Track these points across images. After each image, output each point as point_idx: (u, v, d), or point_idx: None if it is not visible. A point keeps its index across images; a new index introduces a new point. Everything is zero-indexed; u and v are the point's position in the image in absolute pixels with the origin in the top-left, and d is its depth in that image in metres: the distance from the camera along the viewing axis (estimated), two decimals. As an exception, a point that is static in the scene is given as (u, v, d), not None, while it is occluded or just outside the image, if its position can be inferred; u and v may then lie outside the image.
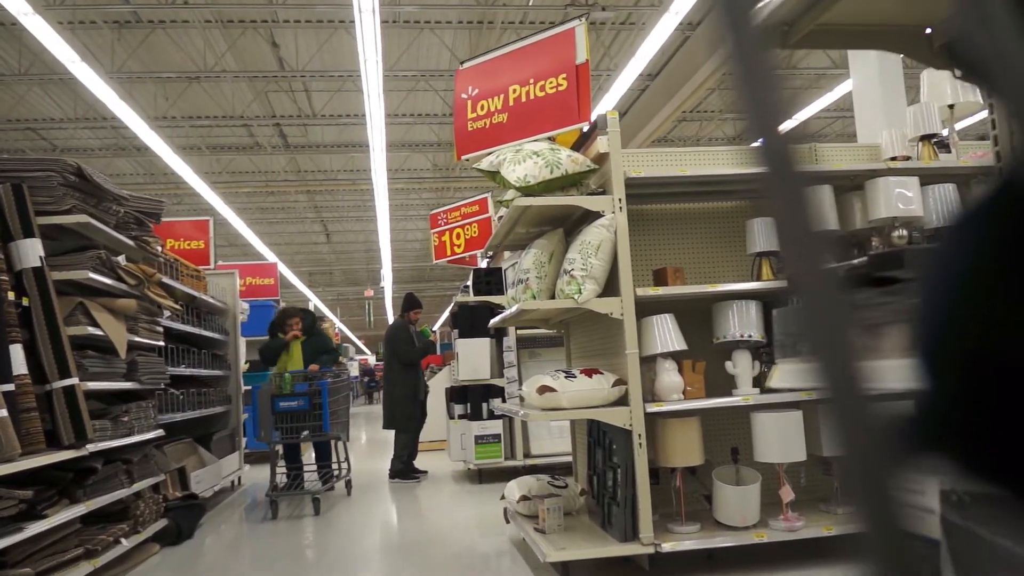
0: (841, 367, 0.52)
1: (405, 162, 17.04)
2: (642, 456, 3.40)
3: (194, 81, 12.76)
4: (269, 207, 20.40)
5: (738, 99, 0.57)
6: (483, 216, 7.24)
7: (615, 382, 3.49)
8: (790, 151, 0.55)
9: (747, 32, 0.57)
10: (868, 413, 0.51)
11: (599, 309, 3.46)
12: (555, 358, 7.32)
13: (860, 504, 0.50)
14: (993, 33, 0.51)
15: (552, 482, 4.15)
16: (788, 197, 0.56)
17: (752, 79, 0.57)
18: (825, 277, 0.53)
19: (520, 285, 3.84)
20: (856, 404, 0.52)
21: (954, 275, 0.54)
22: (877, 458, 0.51)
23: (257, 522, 5.77)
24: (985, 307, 0.51)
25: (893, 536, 0.49)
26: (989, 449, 0.52)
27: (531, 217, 3.98)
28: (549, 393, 3.43)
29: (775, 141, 0.56)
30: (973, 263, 0.52)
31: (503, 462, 6.94)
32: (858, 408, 0.52)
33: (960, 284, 0.53)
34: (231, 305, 7.52)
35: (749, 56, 0.57)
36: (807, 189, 0.55)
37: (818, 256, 0.54)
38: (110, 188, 4.28)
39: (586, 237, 3.53)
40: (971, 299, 0.52)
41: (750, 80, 0.57)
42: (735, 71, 0.56)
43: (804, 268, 0.54)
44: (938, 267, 0.56)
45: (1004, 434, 0.51)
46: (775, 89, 0.56)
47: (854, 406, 0.52)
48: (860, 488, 0.51)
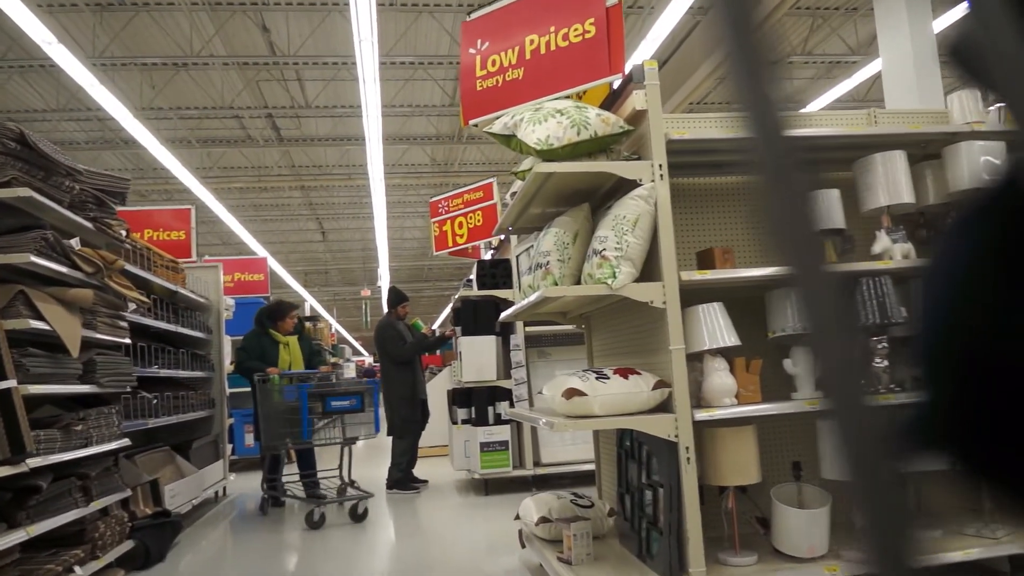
0: (841, 367, 0.52)
1: (402, 156, 16.46)
2: (691, 473, 2.82)
3: (181, 69, 12.18)
4: (263, 204, 19.81)
5: (736, 94, 0.55)
6: (488, 203, 6.65)
7: (656, 384, 2.91)
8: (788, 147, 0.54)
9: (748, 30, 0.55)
10: (869, 412, 0.50)
11: (637, 296, 2.88)
12: (566, 358, 6.74)
13: (861, 503, 0.50)
14: (994, 35, 0.50)
15: (576, 501, 3.57)
16: (786, 195, 0.54)
17: (751, 75, 0.55)
18: (824, 276, 0.53)
19: (539, 271, 3.27)
20: (857, 404, 0.51)
21: (955, 274, 0.53)
22: (879, 457, 0.50)
23: (239, 540, 5.18)
24: (985, 306, 0.50)
25: (896, 535, 0.49)
26: (990, 448, 0.51)
27: (551, 191, 3.40)
28: (578, 398, 2.85)
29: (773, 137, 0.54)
30: (974, 262, 0.51)
31: (511, 471, 6.35)
32: (859, 408, 0.51)
33: (961, 283, 0.52)
34: (215, 301, 6.92)
35: (749, 53, 0.55)
36: (807, 187, 0.54)
37: (817, 254, 0.53)
38: (62, 160, 3.70)
39: (620, 211, 2.95)
40: (971, 298, 0.51)
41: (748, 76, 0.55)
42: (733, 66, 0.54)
43: (802, 267, 0.53)
44: (939, 266, 0.55)
45: (1005, 433, 0.50)
46: (774, 86, 0.55)
47: (855, 405, 0.51)
48: (861, 487, 0.50)
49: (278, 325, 6.47)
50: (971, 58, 0.54)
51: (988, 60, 0.51)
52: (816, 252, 0.53)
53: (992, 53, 0.51)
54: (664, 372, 3.00)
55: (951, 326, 0.54)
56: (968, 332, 0.52)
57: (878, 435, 0.50)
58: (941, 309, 0.54)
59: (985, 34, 0.51)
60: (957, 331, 0.53)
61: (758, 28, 0.55)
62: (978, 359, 0.51)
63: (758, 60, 0.55)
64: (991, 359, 0.51)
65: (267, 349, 6.36)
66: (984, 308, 0.51)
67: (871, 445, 0.51)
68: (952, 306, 0.54)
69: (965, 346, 0.52)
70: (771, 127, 0.55)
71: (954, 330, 0.53)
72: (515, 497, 6.21)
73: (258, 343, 6.35)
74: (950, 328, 0.54)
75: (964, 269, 0.53)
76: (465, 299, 6.56)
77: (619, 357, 3.63)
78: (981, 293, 0.52)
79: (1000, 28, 0.50)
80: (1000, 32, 0.50)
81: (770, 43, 0.55)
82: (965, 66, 0.56)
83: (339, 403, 5.67)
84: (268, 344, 6.39)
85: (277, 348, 6.41)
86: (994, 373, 0.50)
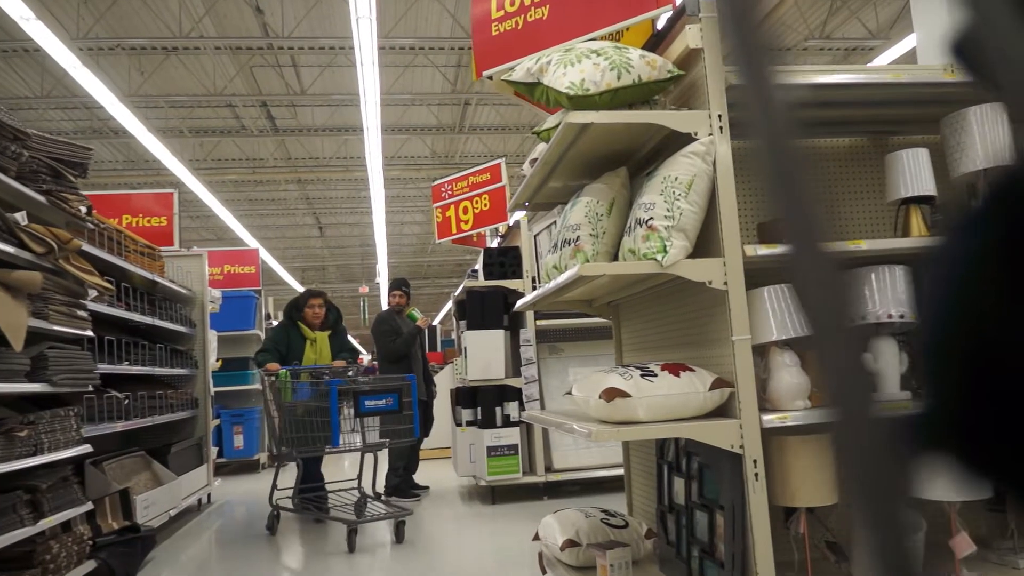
0: (844, 367, 0.51)
1: (401, 148, 15.91)
2: (761, 492, 2.29)
3: (171, 53, 11.63)
4: (259, 199, 19.25)
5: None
6: (495, 185, 6.10)
7: (713, 383, 2.38)
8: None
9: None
10: (872, 413, 0.50)
11: (691, 276, 2.35)
12: (580, 354, 6.21)
13: (862, 504, 0.49)
14: (996, 34, 0.49)
15: (608, 520, 3.04)
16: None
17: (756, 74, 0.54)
18: (827, 274, 0.52)
19: (566, 248, 2.73)
20: (860, 404, 0.50)
21: (957, 274, 0.52)
22: (880, 457, 0.49)
23: (223, 555, 4.65)
24: (988, 307, 0.49)
25: (896, 535, 0.48)
26: (994, 448, 0.50)
27: (578, 158, 2.87)
28: (620, 400, 2.31)
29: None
30: (976, 262, 0.51)
31: (521, 478, 5.81)
32: (862, 408, 0.50)
33: (963, 283, 0.51)
34: (199, 292, 6.38)
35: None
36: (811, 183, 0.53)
37: (819, 244, 0.52)
38: (7, 121, 3.16)
39: (671, 171, 2.42)
40: (974, 298, 0.50)
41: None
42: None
43: (804, 262, 0.52)
44: (941, 266, 0.53)
45: (1009, 433, 0.49)
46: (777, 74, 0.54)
47: (858, 405, 0.50)
48: (862, 488, 0.49)
49: (304, 316, 5.82)
50: (974, 56, 0.52)
51: (991, 59, 0.50)
52: (816, 235, 0.51)
53: (996, 52, 0.49)
54: (719, 368, 2.47)
55: (956, 325, 0.51)
56: (971, 331, 0.50)
57: (883, 440, 0.49)
58: (946, 308, 0.52)
59: (989, 32, 0.49)
60: (960, 330, 0.51)
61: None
62: (981, 358, 0.49)
63: (762, 50, 0.54)
64: (994, 358, 0.49)
65: (293, 343, 5.74)
66: (990, 307, 0.49)
67: (873, 444, 0.49)
68: (957, 305, 0.51)
69: (970, 346, 0.50)
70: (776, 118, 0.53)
71: (957, 329, 0.51)
72: (525, 506, 5.68)
73: (283, 336, 5.76)
74: (953, 327, 0.52)
75: (969, 267, 0.51)
76: (471, 290, 6.02)
77: (655, 351, 3.10)
78: (987, 292, 0.49)
79: (1004, 26, 0.49)
80: (1004, 30, 0.49)
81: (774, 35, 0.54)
82: (968, 64, 0.53)
83: (373, 403, 4.96)
84: (295, 338, 5.77)
85: (304, 343, 5.78)
86: (1000, 373, 0.48)
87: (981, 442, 0.52)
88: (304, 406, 5.09)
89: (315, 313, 5.81)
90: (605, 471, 5.89)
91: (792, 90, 0.63)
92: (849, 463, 0.50)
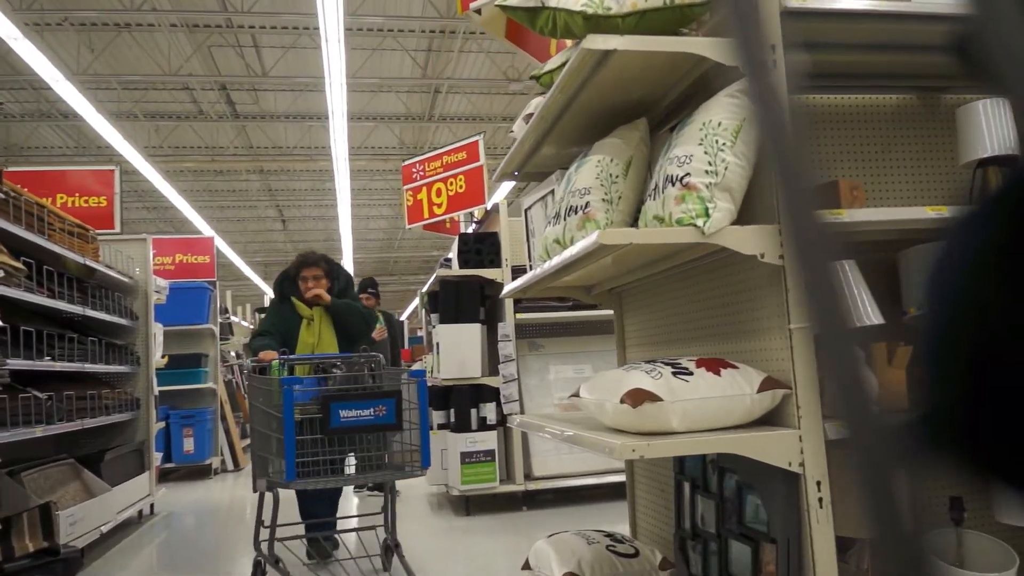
0: (848, 367, 0.50)
1: (368, 137, 15.27)
2: (826, 522, 1.80)
3: (123, 30, 10.92)
4: (219, 189, 18.48)
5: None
6: (472, 165, 5.57)
7: (763, 383, 1.88)
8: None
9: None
10: (876, 412, 0.50)
11: (740, 248, 1.85)
12: (563, 351, 5.72)
13: (868, 504, 0.49)
14: (1002, 32, 0.49)
15: (614, 547, 2.53)
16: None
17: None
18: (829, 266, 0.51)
19: (572, 217, 2.23)
20: (864, 403, 0.50)
21: (960, 271, 0.51)
22: (886, 456, 0.49)
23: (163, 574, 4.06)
24: (992, 304, 0.49)
25: (901, 535, 0.48)
26: (998, 448, 0.50)
27: (584, 112, 2.37)
28: (650, 404, 1.81)
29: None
30: (980, 260, 0.50)
31: (498, 487, 5.29)
32: (866, 407, 0.50)
33: (967, 280, 0.51)
34: (142, 281, 5.76)
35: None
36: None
37: (821, 230, 0.51)
38: None
39: (712, 116, 1.92)
40: (978, 296, 0.50)
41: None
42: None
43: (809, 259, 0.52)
44: (944, 263, 0.53)
45: (1013, 432, 0.48)
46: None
47: (863, 405, 0.50)
48: (869, 488, 0.49)
49: (297, 290, 4.34)
50: (977, 55, 0.50)
51: (995, 57, 0.49)
52: (820, 226, 0.51)
53: (999, 50, 0.48)
54: (765, 365, 1.98)
55: (958, 322, 0.51)
56: (975, 329, 0.49)
57: (886, 433, 0.49)
58: (950, 304, 0.52)
59: (992, 30, 0.49)
60: (964, 327, 0.50)
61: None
62: (985, 357, 0.49)
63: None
64: (998, 357, 0.48)
65: (290, 324, 4.29)
66: (991, 305, 0.49)
67: (879, 443, 0.49)
68: (962, 302, 0.51)
69: (972, 343, 0.50)
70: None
71: (961, 326, 0.51)
72: (504, 518, 5.17)
73: (276, 316, 4.36)
74: (957, 324, 0.51)
75: (974, 264, 0.50)
76: (444, 280, 5.49)
77: (672, 346, 2.60)
78: (988, 289, 0.49)
79: (1008, 24, 0.48)
80: (1008, 28, 0.48)
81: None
82: (971, 63, 0.51)
83: (354, 413, 3.30)
84: (289, 317, 4.31)
85: (299, 324, 4.29)
86: (1003, 372, 0.48)
87: (985, 441, 0.50)
88: (303, 410, 3.47)
89: (308, 288, 4.29)
90: (588, 479, 5.41)
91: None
92: (856, 465, 0.49)
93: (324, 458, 3.38)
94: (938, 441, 0.54)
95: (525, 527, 4.88)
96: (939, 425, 0.53)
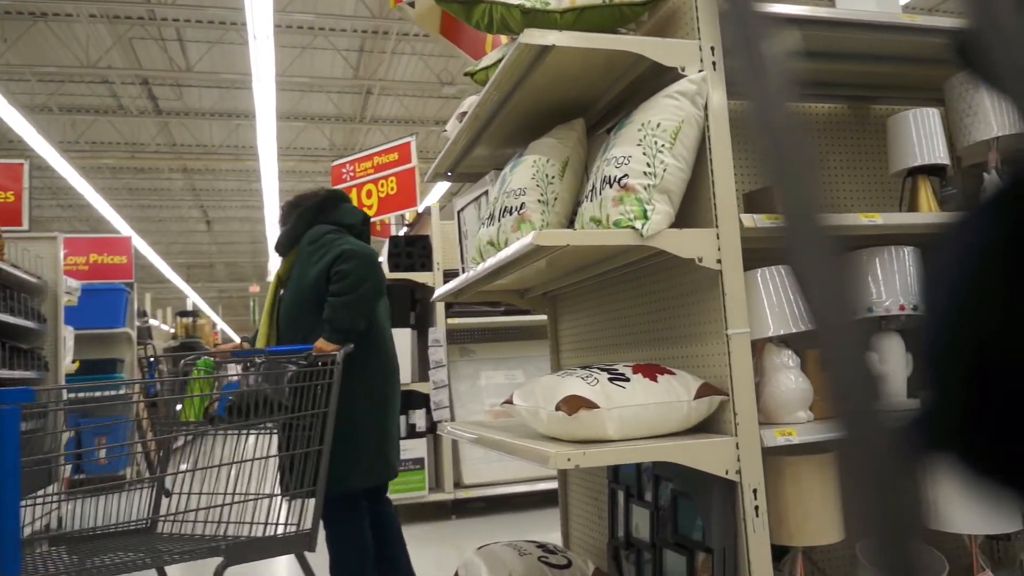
0: (847, 365, 0.50)
1: (297, 138, 14.96)
2: (762, 531, 1.77)
3: (39, 20, 10.42)
4: (139, 187, 17.81)
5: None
6: (404, 167, 5.45)
7: (700, 389, 1.85)
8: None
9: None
10: (876, 413, 0.49)
11: (678, 251, 1.81)
12: (494, 356, 5.66)
13: (865, 504, 0.48)
14: (1002, 34, 0.49)
15: (546, 558, 2.46)
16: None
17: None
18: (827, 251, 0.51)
19: (507, 218, 2.16)
20: (864, 404, 0.49)
21: (959, 272, 0.50)
22: (884, 458, 0.48)
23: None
24: (991, 305, 0.48)
25: (899, 535, 0.47)
26: (997, 450, 0.49)
27: (519, 112, 2.31)
28: (586, 412, 1.75)
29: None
30: (979, 261, 0.49)
31: (427, 495, 5.18)
32: (866, 408, 0.49)
33: (966, 281, 0.50)
34: (51, 282, 5.45)
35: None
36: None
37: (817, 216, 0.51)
38: None
39: (651, 116, 1.88)
40: (977, 297, 0.49)
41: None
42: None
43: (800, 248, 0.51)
44: (943, 264, 0.52)
45: (1012, 435, 0.47)
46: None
47: (862, 405, 0.49)
48: (865, 488, 0.48)
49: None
50: (977, 57, 0.50)
51: (995, 59, 0.49)
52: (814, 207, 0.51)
53: (999, 52, 0.48)
54: (702, 371, 1.95)
55: (957, 324, 0.50)
56: (974, 330, 0.49)
57: (885, 435, 0.49)
58: (946, 307, 0.51)
59: (992, 32, 0.49)
60: (963, 329, 0.49)
61: None
62: (985, 358, 0.48)
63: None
64: (998, 358, 0.47)
65: None
66: (990, 306, 0.48)
67: (878, 445, 0.48)
68: (958, 304, 0.50)
69: (971, 345, 0.49)
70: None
71: (960, 328, 0.50)
72: (432, 528, 5.06)
73: None
74: (956, 326, 0.50)
75: (975, 263, 0.49)
76: (374, 284, 5.35)
77: (607, 352, 2.56)
78: (987, 291, 0.48)
79: (1008, 26, 0.48)
80: (1008, 30, 0.48)
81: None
82: (971, 65, 0.52)
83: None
84: None
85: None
86: (1003, 374, 0.47)
87: (986, 443, 0.49)
88: None
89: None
90: (519, 486, 5.34)
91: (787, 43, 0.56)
92: (852, 470, 0.49)
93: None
94: (939, 443, 0.53)
95: (454, 536, 4.78)
96: (940, 426, 0.53)
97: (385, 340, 3.06)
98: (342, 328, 2.72)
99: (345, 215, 3.03)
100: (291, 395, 2.63)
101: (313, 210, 3.01)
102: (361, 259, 2.77)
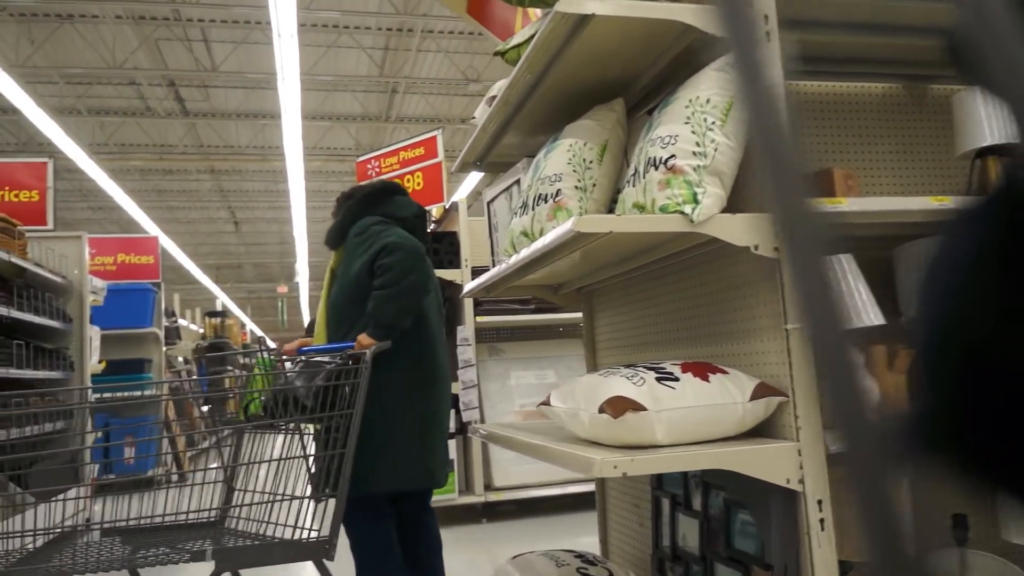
0: (841, 367, 0.48)
1: (323, 137, 14.91)
2: (828, 547, 1.61)
3: (65, 21, 10.45)
4: (168, 189, 17.91)
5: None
6: (431, 161, 5.33)
7: (756, 389, 1.69)
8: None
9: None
10: (871, 414, 0.47)
11: (732, 238, 1.65)
12: (525, 355, 5.52)
13: (861, 507, 0.46)
14: (994, 33, 0.48)
15: (585, 570, 2.32)
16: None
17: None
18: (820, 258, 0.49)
19: (543, 206, 2.01)
20: (858, 406, 0.47)
21: (955, 273, 0.51)
22: (885, 469, 0.46)
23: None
24: (986, 306, 0.48)
25: (902, 556, 0.45)
26: (992, 451, 0.49)
27: (560, 87, 2.16)
28: (632, 414, 1.60)
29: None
30: (974, 262, 0.50)
31: (457, 498, 5.06)
32: (861, 410, 0.47)
33: (961, 283, 0.50)
34: (76, 282, 5.40)
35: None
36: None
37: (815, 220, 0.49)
38: None
39: (699, 92, 1.72)
40: (972, 298, 0.49)
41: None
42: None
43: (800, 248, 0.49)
44: (938, 265, 0.52)
45: (1007, 436, 0.47)
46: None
47: (857, 407, 0.47)
48: (862, 490, 0.46)
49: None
50: (969, 56, 0.49)
51: (987, 59, 0.48)
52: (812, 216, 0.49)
53: (991, 51, 0.47)
54: (757, 370, 1.79)
55: (952, 325, 0.50)
56: (969, 331, 0.48)
57: (880, 436, 0.46)
58: (941, 308, 0.51)
59: (984, 31, 0.48)
60: (958, 330, 0.49)
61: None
62: (980, 359, 0.47)
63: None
64: (993, 359, 0.47)
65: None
66: (985, 307, 0.47)
67: (874, 446, 0.46)
68: (953, 305, 0.50)
69: (966, 346, 0.49)
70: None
71: (955, 329, 0.50)
72: (463, 532, 4.93)
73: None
74: (951, 327, 0.50)
75: (967, 268, 0.50)
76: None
77: (649, 350, 2.40)
78: (982, 292, 0.48)
79: (1000, 25, 0.47)
80: (1000, 30, 0.47)
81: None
82: (963, 65, 0.51)
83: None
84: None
85: None
86: (998, 375, 0.47)
87: (982, 444, 0.49)
88: None
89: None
90: (551, 489, 5.20)
91: None
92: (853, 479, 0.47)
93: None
94: (935, 444, 0.53)
95: (486, 541, 4.65)
96: (936, 428, 0.53)
97: (434, 341, 2.90)
98: (384, 323, 2.59)
99: (397, 207, 2.92)
100: (315, 395, 2.49)
101: (361, 202, 2.91)
102: (406, 252, 2.65)
